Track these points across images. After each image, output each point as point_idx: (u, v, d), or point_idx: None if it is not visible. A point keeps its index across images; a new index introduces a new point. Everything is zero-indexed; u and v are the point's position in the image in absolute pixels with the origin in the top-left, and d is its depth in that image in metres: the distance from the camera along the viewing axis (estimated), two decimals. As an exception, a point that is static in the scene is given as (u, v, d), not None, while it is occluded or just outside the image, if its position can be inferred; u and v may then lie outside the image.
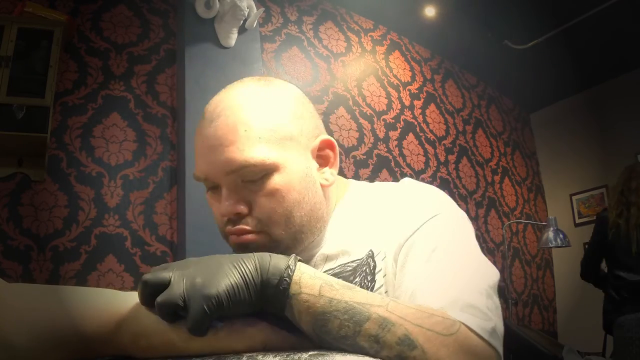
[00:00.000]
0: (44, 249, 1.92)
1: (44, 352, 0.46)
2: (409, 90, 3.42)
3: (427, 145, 3.38)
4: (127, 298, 0.52)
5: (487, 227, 3.59)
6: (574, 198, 4.01)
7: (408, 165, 3.20)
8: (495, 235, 3.62)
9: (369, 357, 0.50)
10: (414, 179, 0.75)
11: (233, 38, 2.37)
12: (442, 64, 3.77)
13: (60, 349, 0.47)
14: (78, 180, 2.07)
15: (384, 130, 3.14)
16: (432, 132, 3.46)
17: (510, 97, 4.30)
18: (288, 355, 0.48)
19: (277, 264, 0.52)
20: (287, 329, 0.54)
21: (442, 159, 3.44)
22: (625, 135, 3.76)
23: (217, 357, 0.49)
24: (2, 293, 0.47)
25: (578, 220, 3.96)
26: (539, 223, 3.84)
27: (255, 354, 0.49)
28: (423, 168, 3.29)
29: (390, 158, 3.11)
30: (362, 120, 3.04)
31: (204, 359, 0.49)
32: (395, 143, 3.18)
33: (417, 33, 3.51)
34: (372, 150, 3.03)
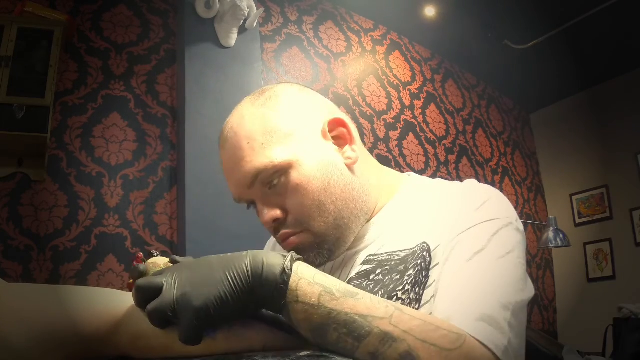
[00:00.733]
0: (44, 249, 1.92)
1: (44, 353, 0.46)
2: (409, 90, 3.42)
3: (427, 145, 3.38)
4: (126, 298, 0.52)
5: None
6: (574, 198, 4.01)
7: (408, 165, 3.20)
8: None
9: None
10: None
11: (233, 38, 2.37)
12: (442, 64, 3.77)
13: (60, 350, 0.47)
14: (78, 180, 2.07)
15: (384, 130, 3.14)
16: (432, 132, 3.46)
17: (510, 97, 4.30)
18: (288, 356, 0.48)
19: (271, 268, 0.50)
20: (286, 330, 0.53)
21: (442, 159, 3.44)
22: (626, 135, 3.76)
23: (216, 357, 0.49)
24: (1, 293, 0.47)
25: (578, 220, 3.95)
26: (539, 223, 3.84)
27: (255, 354, 0.49)
28: (423, 168, 3.29)
29: (391, 158, 3.11)
30: (362, 120, 3.04)
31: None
32: (396, 143, 3.18)
33: (417, 33, 3.51)
34: (372, 150, 3.03)
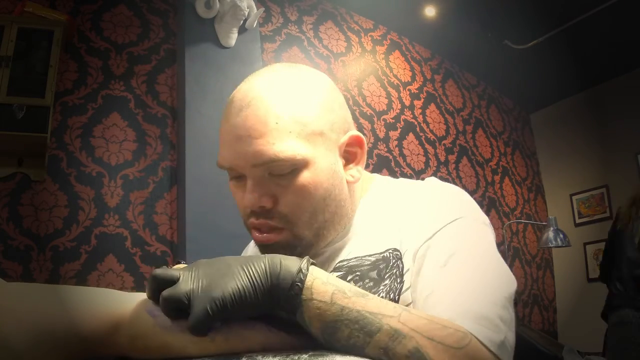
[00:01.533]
0: (44, 249, 1.92)
1: (43, 353, 0.46)
2: (409, 90, 3.42)
3: (427, 145, 3.38)
4: (125, 299, 0.52)
5: (487, 227, 3.59)
6: (574, 198, 4.01)
7: (408, 165, 3.20)
8: (496, 235, 3.61)
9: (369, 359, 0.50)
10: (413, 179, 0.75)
11: (233, 38, 2.37)
12: (442, 64, 3.77)
13: (59, 350, 0.47)
14: (78, 180, 2.07)
15: (384, 130, 3.14)
16: (432, 132, 3.46)
17: (510, 97, 4.30)
18: (288, 356, 0.48)
19: (288, 268, 0.51)
20: (285, 330, 0.53)
21: (442, 159, 3.44)
22: (626, 135, 3.76)
23: (215, 357, 0.49)
24: (1, 293, 0.47)
25: (578, 220, 3.95)
26: (539, 223, 3.84)
27: (255, 354, 0.49)
28: (423, 168, 3.29)
29: (391, 158, 3.11)
30: (362, 120, 3.04)
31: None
32: (396, 143, 3.18)
33: (417, 33, 3.51)
34: (372, 150, 3.03)
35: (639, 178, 3.64)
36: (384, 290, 0.63)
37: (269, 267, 0.51)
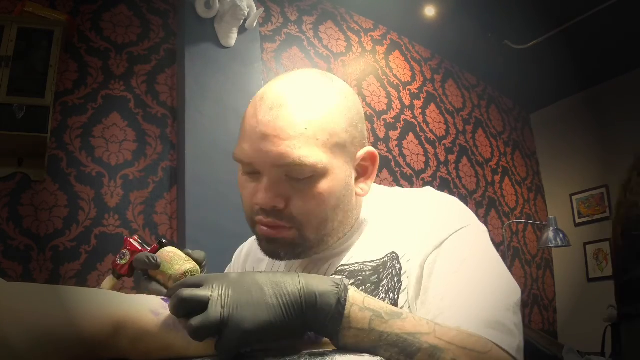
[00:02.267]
0: (44, 249, 1.92)
1: (44, 355, 0.46)
2: (409, 90, 3.42)
3: (427, 145, 3.38)
4: (126, 300, 0.52)
5: (487, 227, 3.59)
6: (574, 198, 4.01)
7: (408, 165, 3.20)
8: (496, 235, 3.61)
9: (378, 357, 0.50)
10: (411, 181, 0.76)
11: (233, 38, 2.37)
12: (442, 64, 3.77)
13: (60, 352, 0.47)
14: (78, 180, 2.07)
15: (384, 130, 3.14)
16: (432, 132, 3.46)
17: (510, 97, 4.29)
18: (289, 356, 0.48)
19: (326, 300, 0.49)
20: None
21: (442, 159, 3.44)
22: (625, 135, 3.76)
23: (217, 357, 0.49)
24: (1, 293, 0.47)
25: (578, 220, 3.95)
26: (539, 223, 3.83)
27: (256, 354, 0.49)
28: (423, 168, 3.29)
29: (390, 158, 3.11)
30: (362, 120, 3.04)
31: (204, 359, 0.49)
32: (395, 143, 3.18)
33: (417, 33, 3.51)
34: (372, 150, 3.02)
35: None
36: (383, 291, 0.65)
37: (305, 297, 0.49)
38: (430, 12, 3.25)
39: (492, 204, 3.71)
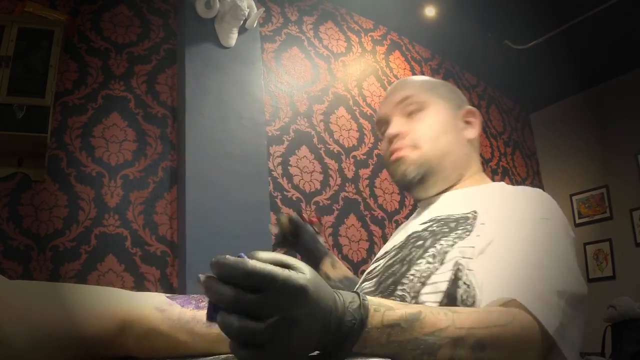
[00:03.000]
0: (44, 249, 1.92)
1: (47, 354, 0.46)
2: (409, 90, 3.41)
3: (427, 145, 3.37)
4: (130, 298, 0.52)
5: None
6: (574, 198, 4.01)
7: (408, 165, 3.20)
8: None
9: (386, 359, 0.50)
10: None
11: (233, 38, 2.37)
12: (442, 64, 3.77)
13: (64, 352, 0.47)
14: (78, 180, 2.07)
15: (384, 130, 3.14)
16: (432, 132, 3.45)
17: (510, 97, 4.29)
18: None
19: (343, 330, 0.46)
20: None
21: (442, 159, 3.44)
22: (626, 136, 3.76)
23: (225, 357, 0.49)
24: (2, 292, 0.47)
25: (578, 220, 3.95)
26: (539, 223, 3.83)
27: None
28: (423, 168, 3.28)
29: (391, 158, 3.10)
30: (362, 120, 3.04)
31: (207, 359, 0.49)
32: (396, 143, 3.18)
33: (417, 33, 3.51)
34: (372, 150, 3.03)
35: (639, 178, 3.64)
36: (454, 238, 0.73)
37: (330, 325, 0.44)
38: (430, 12, 3.25)
39: (492, 204, 3.70)
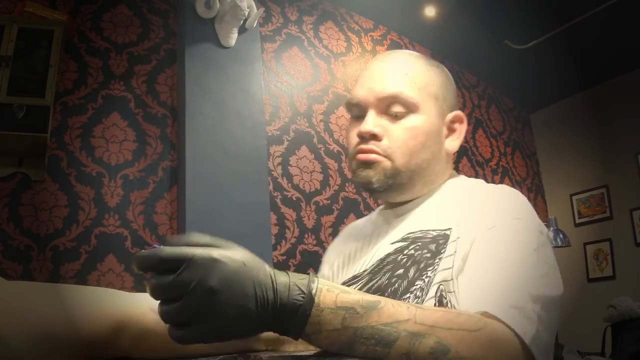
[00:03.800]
0: (44, 249, 1.92)
1: (44, 355, 0.46)
2: (409, 90, 3.41)
3: (427, 145, 3.37)
4: (126, 299, 0.52)
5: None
6: (574, 198, 4.01)
7: (408, 165, 3.20)
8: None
9: None
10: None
11: (233, 38, 2.37)
12: (442, 64, 3.76)
13: (61, 352, 0.47)
14: (78, 180, 2.07)
15: (384, 130, 3.14)
16: (432, 132, 3.45)
17: (511, 97, 4.29)
18: (294, 356, 0.48)
19: (293, 308, 0.46)
20: None
21: (442, 159, 3.44)
22: (626, 135, 3.76)
23: (222, 357, 0.49)
24: (0, 292, 0.47)
25: (578, 220, 3.95)
26: (539, 223, 3.83)
27: (260, 354, 0.49)
28: (423, 168, 3.28)
29: (391, 158, 3.10)
30: (362, 120, 3.04)
31: (208, 359, 0.49)
32: (396, 143, 3.18)
33: (417, 33, 3.51)
34: (372, 150, 3.02)
35: (639, 178, 3.64)
36: (439, 264, 0.68)
37: (279, 306, 0.46)
38: (431, 12, 3.25)
39: (492, 204, 3.70)
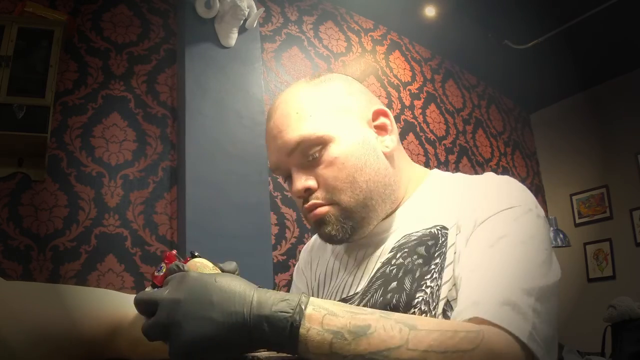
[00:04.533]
0: (44, 249, 1.92)
1: (42, 355, 0.46)
2: (409, 90, 3.42)
3: (427, 145, 3.38)
4: (125, 301, 0.52)
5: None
6: (574, 198, 4.01)
7: (408, 165, 3.19)
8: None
9: None
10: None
11: (233, 38, 2.37)
12: (442, 64, 3.77)
13: (59, 353, 0.47)
14: (78, 180, 2.07)
15: (384, 130, 3.14)
16: (432, 132, 3.46)
17: (510, 97, 4.29)
18: (294, 357, 0.48)
19: (277, 325, 0.46)
20: None
21: (442, 159, 3.44)
22: (626, 135, 3.76)
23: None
24: (0, 293, 0.47)
25: (578, 220, 3.95)
26: (539, 223, 3.83)
27: (260, 353, 0.49)
28: (423, 168, 3.28)
29: (391, 158, 3.10)
30: (362, 120, 3.04)
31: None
32: (396, 143, 3.17)
33: (417, 33, 3.51)
34: (372, 150, 3.02)
35: (639, 178, 3.64)
36: (437, 270, 0.65)
37: (252, 320, 0.46)
38: (430, 12, 3.25)
39: (492, 204, 3.70)
